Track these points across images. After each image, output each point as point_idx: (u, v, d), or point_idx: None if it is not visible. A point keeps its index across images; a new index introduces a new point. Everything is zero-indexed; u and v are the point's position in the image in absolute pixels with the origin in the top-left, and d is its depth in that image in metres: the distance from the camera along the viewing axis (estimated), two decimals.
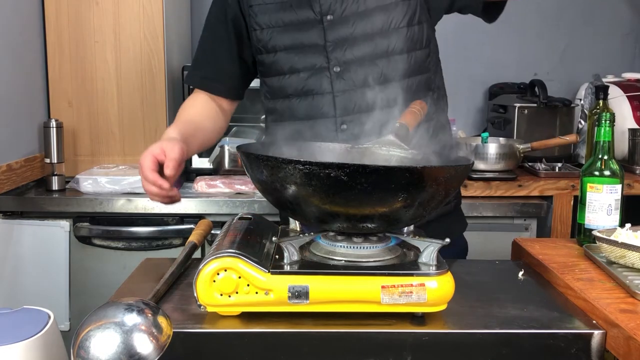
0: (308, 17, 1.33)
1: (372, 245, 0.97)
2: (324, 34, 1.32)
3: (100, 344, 0.75)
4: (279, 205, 1.02)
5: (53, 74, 2.13)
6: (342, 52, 1.32)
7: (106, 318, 0.77)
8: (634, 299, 0.99)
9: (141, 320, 0.77)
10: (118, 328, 0.76)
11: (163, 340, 0.78)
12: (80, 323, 0.79)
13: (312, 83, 1.34)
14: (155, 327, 0.78)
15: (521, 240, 1.35)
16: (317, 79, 1.34)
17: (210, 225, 1.30)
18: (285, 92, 1.38)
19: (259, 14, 1.35)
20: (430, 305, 0.92)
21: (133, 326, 0.76)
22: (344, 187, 0.87)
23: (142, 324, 0.77)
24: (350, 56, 1.32)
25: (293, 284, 0.90)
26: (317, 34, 1.33)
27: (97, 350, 0.75)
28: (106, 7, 2.10)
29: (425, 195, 0.91)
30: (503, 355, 0.92)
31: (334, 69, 1.33)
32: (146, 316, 0.78)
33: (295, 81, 1.36)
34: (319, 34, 1.33)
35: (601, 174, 1.24)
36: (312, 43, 1.33)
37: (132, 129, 2.16)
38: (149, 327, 0.77)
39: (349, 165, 0.85)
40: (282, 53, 1.35)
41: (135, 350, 0.75)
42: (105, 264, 1.99)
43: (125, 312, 0.78)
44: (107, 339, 0.75)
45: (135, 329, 0.76)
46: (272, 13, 1.34)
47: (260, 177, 0.95)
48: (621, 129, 2.25)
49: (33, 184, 2.08)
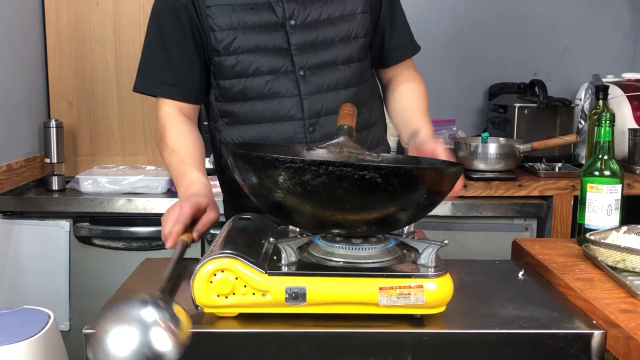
0: (271, 20, 1.32)
1: (371, 247, 0.97)
2: (288, 38, 1.33)
3: (122, 341, 0.74)
4: (285, 213, 0.98)
5: (53, 74, 2.13)
6: (306, 56, 1.34)
7: (126, 314, 0.76)
8: (634, 299, 0.99)
9: (162, 317, 0.76)
10: (139, 325, 0.75)
11: (184, 338, 0.77)
12: (102, 321, 0.77)
13: (278, 86, 1.34)
14: (176, 324, 0.77)
15: (521, 240, 1.35)
16: (282, 81, 1.34)
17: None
18: (246, 95, 1.35)
19: (218, 15, 1.31)
20: (428, 307, 0.92)
21: (153, 322, 0.75)
22: (373, 189, 0.86)
23: (162, 320, 0.76)
24: (315, 61, 1.34)
25: (290, 285, 0.90)
26: (281, 38, 1.33)
27: (121, 348, 0.73)
28: (106, 7, 2.10)
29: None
30: (503, 355, 0.92)
31: (299, 72, 1.33)
32: (167, 313, 0.77)
33: (258, 84, 1.34)
34: (282, 37, 1.33)
35: (601, 174, 1.23)
36: (276, 46, 1.33)
37: (132, 129, 2.16)
38: (167, 324, 0.76)
39: (384, 167, 0.85)
40: (244, 55, 1.33)
41: (155, 348, 0.74)
42: (105, 264, 1.99)
43: (146, 309, 0.76)
44: (129, 335, 0.74)
45: (156, 326, 0.75)
46: (233, 14, 1.31)
47: (272, 180, 0.90)
48: (621, 129, 2.25)
49: (33, 184, 2.08)
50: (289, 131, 1.35)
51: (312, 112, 1.35)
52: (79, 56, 2.12)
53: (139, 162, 2.15)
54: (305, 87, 1.34)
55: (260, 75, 1.34)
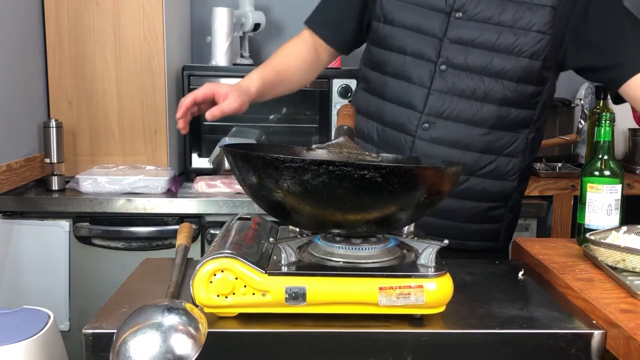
0: (436, 5, 1.31)
1: (371, 247, 0.97)
2: (446, 29, 1.29)
3: (145, 348, 0.76)
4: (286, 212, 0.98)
5: (53, 74, 2.13)
6: (455, 53, 1.29)
7: (148, 321, 0.79)
8: (634, 299, 0.99)
9: (180, 320, 0.79)
10: (158, 330, 0.77)
11: (201, 338, 0.79)
12: (119, 328, 0.80)
13: (412, 70, 1.33)
14: (195, 327, 0.79)
15: (521, 240, 1.34)
16: (419, 68, 1.32)
17: (191, 227, 1.28)
18: (383, 68, 1.37)
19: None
20: (428, 307, 0.92)
21: (172, 326, 0.78)
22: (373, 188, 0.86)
23: (180, 324, 0.79)
24: (461, 61, 1.29)
25: (290, 285, 0.90)
26: (439, 26, 1.30)
27: (141, 353, 0.76)
28: (106, 7, 2.10)
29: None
30: (503, 355, 0.92)
31: (440, 66, 1.30)
32: (184, 316, 0.80)
33: (396, 61, 1.34)
34: (441, 26, 1.30)
35: (601, 174, 1.23)
36: (430, 32, 1.31)
37: (132, 129, 2.16)
38: (187, 328, 0.79)
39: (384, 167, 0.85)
40: (398, 29, 1.34)
41: (177, 352, 0.77)
42: (105, 264, 1.99)
43: (164, 314, 0.79)
44: (151, 342, 0.77)
45: (175, 330, 0.78)
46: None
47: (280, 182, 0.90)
48: (621, 129, 2.25)
49: (33, 184, 2.08)
50: (403, 118, 1.34)
51: (433, 110, 1.31)
52: (79, 56, 2.12)
53: (139, 162, 2.15)
54: (438, 82, 1.31)
55: (403, 53, 1.34)
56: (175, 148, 2.26)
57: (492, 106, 1.30)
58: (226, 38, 2.28)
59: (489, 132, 1.31)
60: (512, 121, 1.32)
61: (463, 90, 1.30)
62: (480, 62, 1.29)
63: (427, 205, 0.93)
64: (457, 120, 1.31)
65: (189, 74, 2.20)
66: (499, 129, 1.32)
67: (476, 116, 1.30)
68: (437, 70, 1.31)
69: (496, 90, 1.29)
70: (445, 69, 1.30)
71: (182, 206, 1.96)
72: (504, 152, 1.34)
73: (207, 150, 2.21)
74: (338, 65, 2.27)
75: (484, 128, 1.31)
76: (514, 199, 1.41)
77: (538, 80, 1.31)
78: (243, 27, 2.42)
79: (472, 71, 1.30)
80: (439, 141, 1.32)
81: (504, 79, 1.29)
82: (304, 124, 2.31)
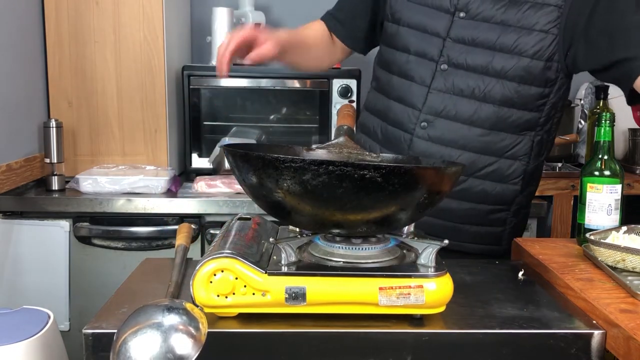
0: (442, 5, 1.32)
1: (371, 247, 0.97)
2: (449, 28, 1.30)
3: (145, 348, 0.77)
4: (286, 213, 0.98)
5: (53, 74, 2.13)
6: (457, 52, 1.30)
7: (148, 321, 0.79)
8: (634, 299, 0.99)
9: (180, 320, 0.79)
10: (158, 329, 0.78)
11: (201, 337, 0.80)
12: (119, 328, 0.80)
13: (415, 69, 1.34)
14: (195, 327, 0.80)
15: (521, 240, 1.34)
16: (421, 67, 1.33)
17: (190, 227, 1.28)
18: (389, 67, 1.40)
19: None
20: (428, 307, 0.92)
21: (173, 326, 0.79)
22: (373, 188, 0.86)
23: (181, 323, 0.79)
24: (462, 60, 1.30)
25: (290, 285, 0.90)
26: (443, 25, 1.31)
27: (142, 353, 0.76)
28: (106, 7, 2.10)
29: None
30: (503, 355, 0.92)
31: (442, 65, 1.31)
32: (184, 315, 0.80)
33: (401, 60, 1.37)
34: (444, 25, 1.31)
35: (601, 174, 1.23)
36: (434, 32, 1.32)
37: (132, 129, 2.16)
38: (187, 328, 0.79)
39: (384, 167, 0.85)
40: (404, 28, 1.36)
41: (177, 352, 0.77)
42: (105, 264, 1.99)
43: (164, 314, 0.79)
44: (151, 342, 0.77)
45: (175, 330, 0.78)
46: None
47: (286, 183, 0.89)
48: (621, 129, 2.25)
49: (33, 184, 2.08)
50: (404, 116, 1.35)
51: (431, 109, 1.32)
52: (79, 56, 2.12)
53: (139, 162, 2.15)
54: (438, 81, 1.31)
55: (407, 52, 1.36)
56: (175, 148, 2.27)
57: (491, 106, 1.29)
58: None
59: (488, 132, 1.31)
60: (514, 123, 1.31)
61: (462, 89, 1.30)
62: (481, 62, 1.29)
63: (427, 205, 0.93)
64: (456, 119, 1.31)
65: (189, 74, 2.20)
66: (500, 130, 1.31)
67: (474, 116, 1.30)
68: (438, 69, 1.31)
69: (496, 90, 1.29)
70: (446, 68, 1.31)
71: (182, 206, 1.96)
72: (505, 154, 1.33)
73: (207, 150, 2.21)
74: (338, 65, 2.27)
75: (482, 128, 1.31)
76: (518, 203, 1.39)
77: (542, 82, 1.30)
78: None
79: (472, 70, 1.30)
80: (436, 140, 1.32)
81: (504, 79, 1.28)
82: (304, 124, 2.31)
